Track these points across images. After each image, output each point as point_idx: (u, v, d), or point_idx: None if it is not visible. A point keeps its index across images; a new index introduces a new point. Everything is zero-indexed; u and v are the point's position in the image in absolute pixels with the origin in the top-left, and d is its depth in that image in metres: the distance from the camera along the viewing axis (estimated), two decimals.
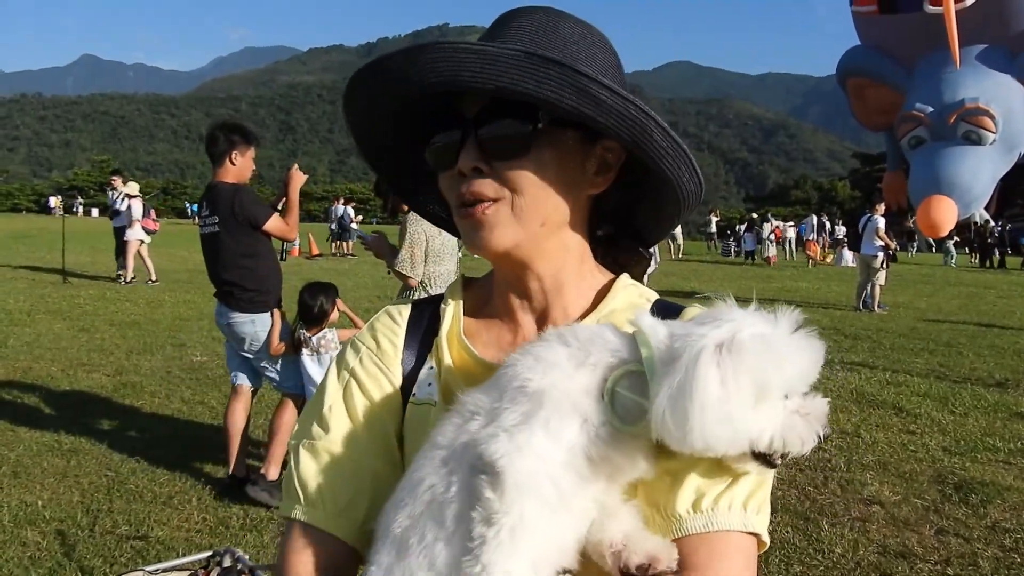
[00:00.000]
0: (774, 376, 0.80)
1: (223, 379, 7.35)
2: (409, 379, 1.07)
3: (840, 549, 4.22)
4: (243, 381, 5.14)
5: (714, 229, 38.91)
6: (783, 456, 0.84)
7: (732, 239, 35.76)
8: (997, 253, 32.80)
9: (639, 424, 0.83)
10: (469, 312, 1.11)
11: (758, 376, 0.80)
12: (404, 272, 4.75)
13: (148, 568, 2.38)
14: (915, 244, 39.91)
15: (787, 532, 4.41)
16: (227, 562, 2.34)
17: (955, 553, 4.21)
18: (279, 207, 5.19)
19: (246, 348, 5.00)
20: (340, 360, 1.11)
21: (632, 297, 1.08)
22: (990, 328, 12.87)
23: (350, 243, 27.33)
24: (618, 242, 1.15)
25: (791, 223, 36.05)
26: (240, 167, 4.98)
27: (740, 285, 19.26)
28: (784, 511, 4.70)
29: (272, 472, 4.86)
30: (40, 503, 4.61)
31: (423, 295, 4.09)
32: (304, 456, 1.02)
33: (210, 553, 2.46)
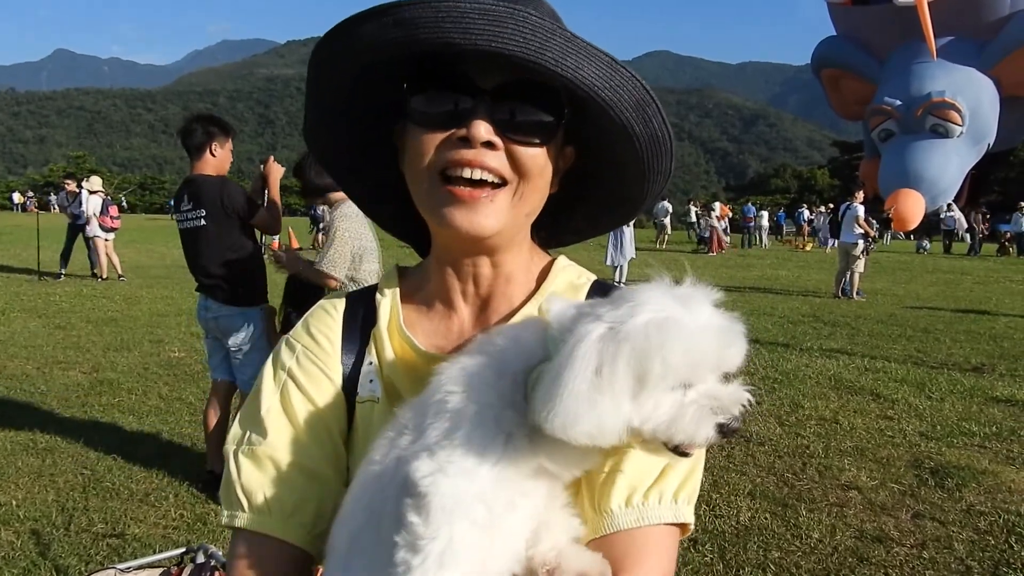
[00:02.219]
0: (656, 366, 0.74)
1: (201, 375, 7.30)
2: (351, 377, 1.02)
3: (818, 534, 4.25)
4: (224, 376, 5.08)
5: (694, 219, 39.04)
6: (688, 446, 0.79)
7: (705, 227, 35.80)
8: (969, 239, 33.10)
9: None
10: (404, 301, 1.06)
11: (638, 366, 0.75)
12: (330, 273, 4.43)
13: (120, 566, 2.35)
14: (889, 232, 40.15)
15: (765, 518, 4.44)
16: (200, 558, 2.32)
17: (931, 536, 4.26)
18: (259, 201, 5.10)
19: (232, 341, 4.91)
20: (276, 359, 1.05)
21: (571, 277, 1.07)
22: (966, 314, 13.01)
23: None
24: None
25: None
26: (220, 159, 4.91)
27: (721, 274, 19.34)
28: (763, 498, 4.73)
29: None
30: (15, 503, 4.55)
31: None
32: (244, 462, 0.97)
33: (183, 550, 2.44)
